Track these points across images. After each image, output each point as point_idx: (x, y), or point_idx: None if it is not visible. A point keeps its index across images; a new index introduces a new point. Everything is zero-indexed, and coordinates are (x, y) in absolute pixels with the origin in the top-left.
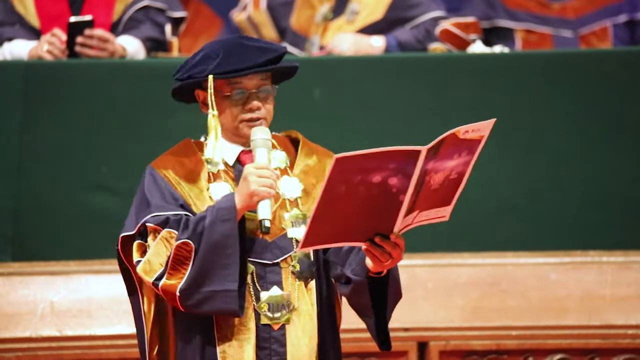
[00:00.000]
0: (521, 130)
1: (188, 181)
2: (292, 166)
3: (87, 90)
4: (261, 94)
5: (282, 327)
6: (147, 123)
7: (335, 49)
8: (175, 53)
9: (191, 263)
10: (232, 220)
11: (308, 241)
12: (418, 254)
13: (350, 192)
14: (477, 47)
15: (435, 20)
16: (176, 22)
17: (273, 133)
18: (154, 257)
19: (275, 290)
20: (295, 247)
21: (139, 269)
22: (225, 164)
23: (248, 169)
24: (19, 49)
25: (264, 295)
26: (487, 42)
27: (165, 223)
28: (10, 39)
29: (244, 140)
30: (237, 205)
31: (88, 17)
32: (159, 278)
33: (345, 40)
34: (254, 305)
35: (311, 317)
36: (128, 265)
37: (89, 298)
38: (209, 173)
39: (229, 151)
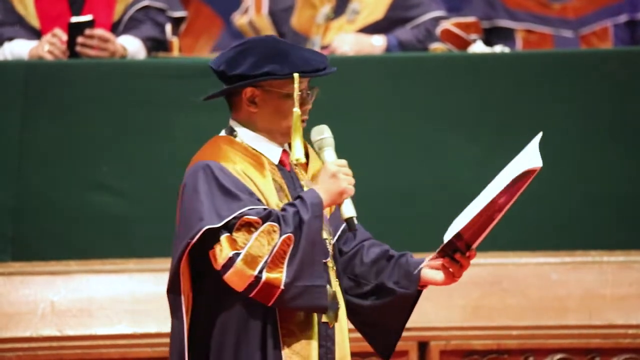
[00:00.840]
0: (521, 130)
1: (256, 175)
2: (304, 169)
3: (88, 90)
4: (310, 96)
5: (333, 326)
6: (148, 123)
7: (336, 49)
8: (175, 53)
9: (287, 257)
10: (322, 216)
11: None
12: (419, 254)
13: (484, 209)
14: (478, 47)
15: (436, 20)
16: (176, 22)
17: None
18: (255, 250)
19: (329, 289)
20: (329, 247)
21: (239, 261)
22: (270, 162)
23: (333, 167)
24: (20, 49)
25: None
26: (488, 42)
27: (267, 216)
28: (10, 39)
29: (285, 140)
30: (324, 201)
31: (88, 17)
32: (261, 271)
33: (346, 40)
34: None
35: (344, 316)
36: (181, 261)
37: (90, 298)
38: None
39: (273, 151)
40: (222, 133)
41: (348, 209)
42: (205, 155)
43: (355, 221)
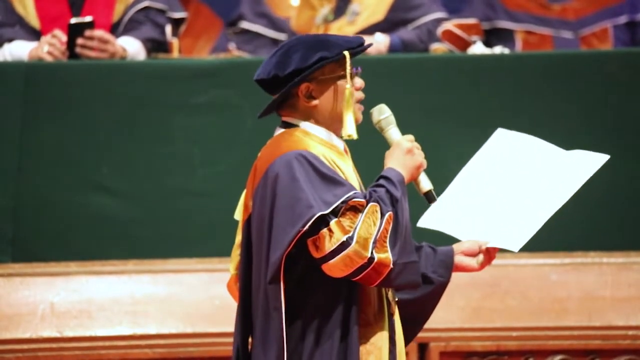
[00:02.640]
0: (521, 131)
1: (342, 164)
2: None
3: (88, 91)
4: (359, 73)
5: (394, 318)
6: (147, 123)
7: None
8: (175, 54)
9: (389, 235)
10: (406, 193)
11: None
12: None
13: None
14: (477, 48)
15: (437, 22)
16: (176, 23)
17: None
18: (364, 232)
19: None
20: None
21: (354, 245)
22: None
23: (407, 143)
24: (19, 50)
25: None
26: (488, 44)
27: (370, 197)
28: (10, 40)
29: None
30: (405, 178)
31: (88, 18)
32: (372, 251)
33: None
34: (386, 293)
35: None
36: (287, 250)
37: (89, 299)
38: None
39: (337, 143)
40: (278, 131)
41: (426, 182)
42: (289, 147)
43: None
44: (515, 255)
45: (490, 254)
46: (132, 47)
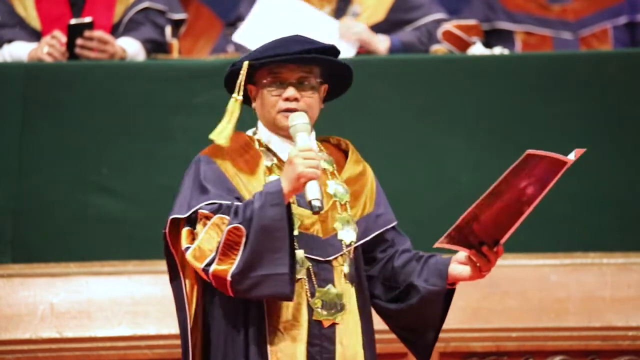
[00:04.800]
0: (521, 131)
1: (246, 173)
2: (339, 171)
3: (87, 91)
4: (300, 86)
5: (332, 326)
6: (147, 124)
7: (351, 28)
8: (175, 55)
9: (241, 248)
10: (281, 204)
11: (447, 240)
12: None
13: (503, 194)
14: (477, 49)
15: (437, 23)
16: (176, 24)
17: (323, 137)
18: (205, 243)
19: (330, 288)
20: (344, 248)
21: (188, 255)
22: (279, 159)
23: (292, 152)
24: (19, 50)
25: (319, 291)
26: (487, 44)
27: (217, 210)
28: (10, 41)
29: (280, 132)
30: (284, 189)
31: (88, 19)
32: (210, 264)
33: (359, 25)
34: (308, 300)
35: (357, 319)
36: (173, 250)
37: (89, 299)
38: (265, 166)
39: (280, 147)
40: (250, 132)
41: (309, 192)
42: (207, 149)
43: (317, 203)
44: (515, 256)
45: (480, 261)
46: (131, 47)
